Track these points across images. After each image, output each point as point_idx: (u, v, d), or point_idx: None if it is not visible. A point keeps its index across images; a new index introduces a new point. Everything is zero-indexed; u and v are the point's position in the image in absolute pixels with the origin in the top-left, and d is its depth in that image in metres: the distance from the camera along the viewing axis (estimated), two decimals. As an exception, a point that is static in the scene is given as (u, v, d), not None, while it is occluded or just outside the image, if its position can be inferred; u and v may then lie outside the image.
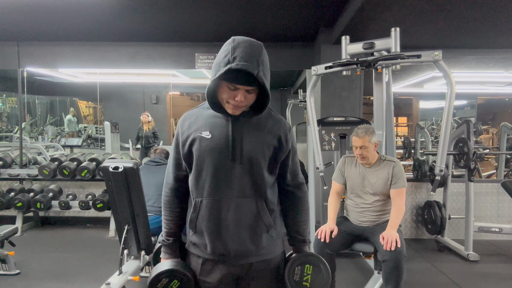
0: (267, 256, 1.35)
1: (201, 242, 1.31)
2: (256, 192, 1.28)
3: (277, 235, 1.36)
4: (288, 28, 4.28)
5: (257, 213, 1.28)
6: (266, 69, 1.20)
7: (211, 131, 1.27)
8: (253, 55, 1.16)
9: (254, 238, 1.29)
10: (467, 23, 3.74)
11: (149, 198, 3.08)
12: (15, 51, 4.82)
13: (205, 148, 1.26)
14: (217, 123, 1.28)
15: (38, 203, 4.24)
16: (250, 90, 1.20)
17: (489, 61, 5.43)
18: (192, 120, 1.32)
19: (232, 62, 1.14)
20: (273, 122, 1.32)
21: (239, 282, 1.36)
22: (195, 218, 1.30)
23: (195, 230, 1.32)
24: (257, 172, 1.27)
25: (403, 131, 11.89)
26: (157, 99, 9.30)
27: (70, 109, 9.65)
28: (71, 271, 3.28)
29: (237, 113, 1.25)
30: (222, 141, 1.25)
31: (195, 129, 1.29)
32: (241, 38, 1.20)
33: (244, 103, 1.21)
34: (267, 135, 1.29)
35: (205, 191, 1.27)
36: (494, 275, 3.30)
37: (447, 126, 2.64)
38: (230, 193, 1.26)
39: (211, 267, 1.33)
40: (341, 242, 2.55)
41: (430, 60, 2.60)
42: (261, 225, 1.30)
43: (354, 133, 2.56)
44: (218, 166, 1.26)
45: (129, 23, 4.17)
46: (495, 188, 4.28)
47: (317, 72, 3.07)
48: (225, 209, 1.26)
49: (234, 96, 1.19)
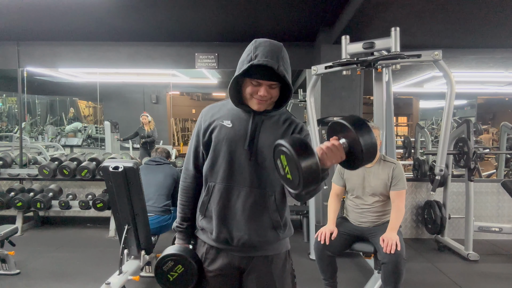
0: (270, 252, 1.37)
1: (209, 227, 1.36)
2: (267, 185, 1.33)
3: (283, 235, 1.39)
4: (288, 27, 4.29)
5: (264, 206, 1.32)
6: (286, 65, 1.27)
7: (232, 121, 1.35)
8: (273, 52, 1.24)
9: (258, 230, 1.32)
10: (467, 22, 3.74)
11: (149, 198, 3.08)
12: (15, 51, 4.82)
13: (224, 136, 1.33)
14: (239, 115, 1.36)
15: (38, 203, 4.24)
16: (272, 85, 1.28)
17: (489, 60, 5.43)
18: (215, 111, 1.40)
19: (254, 59, 1.23)
20: (289, 124, 1.38)
21: (241, 276, 1.38)
22: (207, 201, 1.36)
23: (205, 214, 1.37)
24: (269, 166, 1.31)
25: (403, 130, 11.91)
26: (157, 98, 9.31)
27: (70, 109, 9.66)
28: (71, 270, 3.28)
29: (262, 109, 1.31)
30: (241, 132, 1.33)
31: (217, 117, 1.37)
32: (262, 39, 1.29)
33: (268, 97, 1.28)
34: (282, 129, 1.35)
35: (219, 177, 1.33)
36: (494, 274, 3.30)
37: (447, 126, 2.64)
38: (242, 181, 1.32)
39: (214, 255, 1.37)
40: (341, 244, 2.55)
41: (430, 59, 2.59)
42: (267, 220, 1.33)
43: None
44: (234, 154, 1.32)
45: (129, 23, 4.17)
46: (495, 188, 4.28)
47: (317, 72, 3.07)
48: (235, 196, 1.32)
49: (258, 91, 1.27)
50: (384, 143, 3.14)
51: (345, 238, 2.57)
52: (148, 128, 6.89)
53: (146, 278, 3.10)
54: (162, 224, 3.15)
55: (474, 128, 3.89)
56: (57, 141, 8.48)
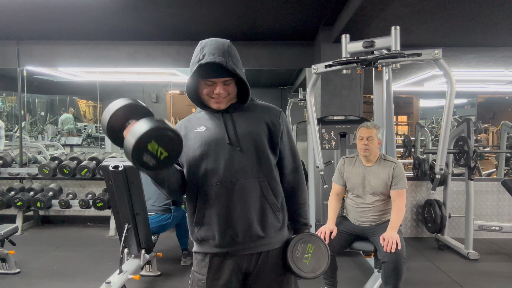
0: (275, 245, 1.37)
1: (209, 233, 1.33)
2: (258, 171, 1.33)
3: (283, 220, 1.39)
4: (288, 26, 4.28)
5: (261, 193, 1.32)
6: (235, 60, 1.29)
7: (205, 125, 1.36)
8: (219, 49, 1.26)
9: (261, 219, 1.32)
10: (467, 21, 3.74)
11: (149, 197, 3.08)
12: (15, 50, 4.81)
13: (202, 140, 1.33)
14: (210, 118, 1.37)
15: (38, 202, 4.24)
16: (226, 81, 1.29)
17: (489, 59, 5.42)
18: (186, 123, 1.40)
19: (202, 59, 1.25)
20: (261, 109, 1.40)
21: (248, 279, 1.37)
22: (202, 207, 1.32)
23: (202, 222, 1.33)
24: (258, 149, 1.33)
25: (403, 129, 11.89)
26: (157, 98, 9.29)
27: (70, 109, 9.65)
28: (71, 270, 3.29)
29: (222, 107, 1.33)
30: (217, 130, 1.33)
31: (190, 128, 1.38)
32: (208, 39, 1.32)
33: (225, 94, 1.30)
34: (259, 120, 1.37)
35: (209, 179, 1.32)
36: (494, 273, 3.30)
37: (447, 125, 2.64)
38: (233, 176, 1.30)
39: (219, 263, 1.34)
40: (341, 243, 2.55)
41: (430, 58, 2.59)
42: (266, 205, 1.33)
43: (363, 125, 2.60)
44: (217, 153, 1.31)
45: (129, 22, 4.16)
46: (495, 187, 4.28)
47: (317, 71, 3.07)
48: (229, 193, 1.30)
49: (214, 90, 1.29)
50: (384, 142, 3.14)
51: (345, 237, 2.57)
52: None
53: (147, 277, 3.10)
54: (162, 223, 3.15)
55: (474, 127, 3.88)
56: (57, 140, 8.48)
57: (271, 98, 9.96)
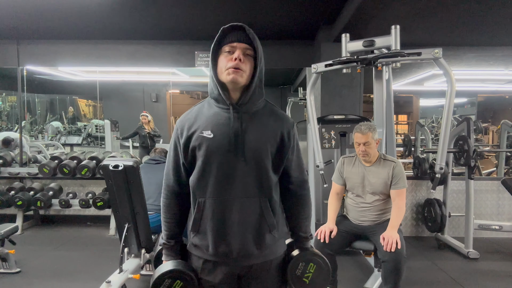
0: (269, 257, 1.34)
1: (203, 243, 1.30)
2: (260, 191, 1.28)
3: (279, 236, 1.36)
4: (288, 26, 4.28)
5: (260, 213, 1.28)
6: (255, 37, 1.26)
7: (213, 130, 1.26)
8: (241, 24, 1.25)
9: (257, 239, 1.29)
10: (467, 20, 3.74)
11: (150, 196, 3.08)
12: (15, 50, 4.81)
13: (208, 148, 1.25)
14: (219, 121, 1.27)
15: (38, 201, 4.24)
16: (246, 50, 1.24)
17: (489, 58, 5.43)
18: (191, 121, 1.30)
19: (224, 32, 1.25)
20: (275, 119, 1.32)
21: (240, 281, 1.36)
22: (199, 218, 1.29)
23: (197, 231, 1.30)
24: (260, 168, 1.27)
25: (403, 129, 11.88)
26: (157, 97, 9.29)
27: (69, 108, 9.64)
28: (71, 269, 3.29)
29: (237, 78, 1.22)
30: (224, 139, 1.25)
31: (195, 129, 1.28)
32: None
33: (243, 66, 1.22)
34: (270, 132, 1.29)
35: (208, 192, 1.27)
36: (494, 272, 3.30)
37: (447, 124, 2.64)
38: (234, 193, 1.25)
39: (212, 266, 1.32)
40: (341, 242, 2.55)
41: (431, 57, 2.59)
42: (264, 225, 1.29)
43: (357, 130, 2.56)
44: (221, 165, 1.25)
45: (129, 21, 4.16)
46: (495, 186, 4.28)
47: (317, 70, 3.06)
48: (228, 210, 1.26)
49: (232, 58, 1.23)
50: (384, 141, 3.13)
51: (345, 237, 2.57)
52: (148, 128, 6.88)
53: (147, 277, 3.10)
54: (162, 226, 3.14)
55: (474, 126, 3.88)
56: (57, 139, 8.47)
57: (271, 97, 9.93)
